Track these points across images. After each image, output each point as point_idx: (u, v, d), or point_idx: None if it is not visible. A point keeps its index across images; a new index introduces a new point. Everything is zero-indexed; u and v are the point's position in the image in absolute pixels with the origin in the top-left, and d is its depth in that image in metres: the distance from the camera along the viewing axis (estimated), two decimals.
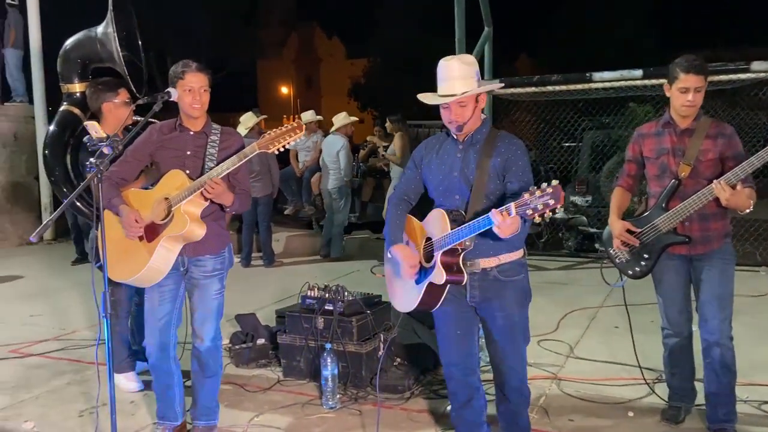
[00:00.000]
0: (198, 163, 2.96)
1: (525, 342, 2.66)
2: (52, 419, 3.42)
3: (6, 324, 5.29)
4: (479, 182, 2.48)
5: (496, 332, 2.60)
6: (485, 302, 2.57)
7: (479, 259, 2.51)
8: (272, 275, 7.14)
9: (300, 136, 2.82)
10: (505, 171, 2.50)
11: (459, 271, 2.45)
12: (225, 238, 3.13)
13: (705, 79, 2.95)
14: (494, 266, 2.52)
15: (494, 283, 2.54)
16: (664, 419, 3.20)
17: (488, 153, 2.51)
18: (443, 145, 2.65)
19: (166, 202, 2.92)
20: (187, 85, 2.88)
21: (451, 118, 2.49)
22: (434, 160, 2.64)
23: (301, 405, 3.52)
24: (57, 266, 7.91)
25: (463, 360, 2.66)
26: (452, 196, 2.55)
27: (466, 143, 2.58)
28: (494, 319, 2.58)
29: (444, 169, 2.59)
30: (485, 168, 2.48)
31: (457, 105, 2.47)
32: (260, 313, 4.70)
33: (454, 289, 2.54)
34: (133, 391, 3.75)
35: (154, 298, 3.03)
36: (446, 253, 2.43)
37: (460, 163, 2.55)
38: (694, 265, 3.08)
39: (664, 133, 3.09)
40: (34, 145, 9.93)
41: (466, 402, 2.70)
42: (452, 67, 2.48)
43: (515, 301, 2.58)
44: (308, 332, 3.83)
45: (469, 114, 2.49)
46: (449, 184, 2.56)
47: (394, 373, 3.75)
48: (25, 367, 4.24)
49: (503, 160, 2.51)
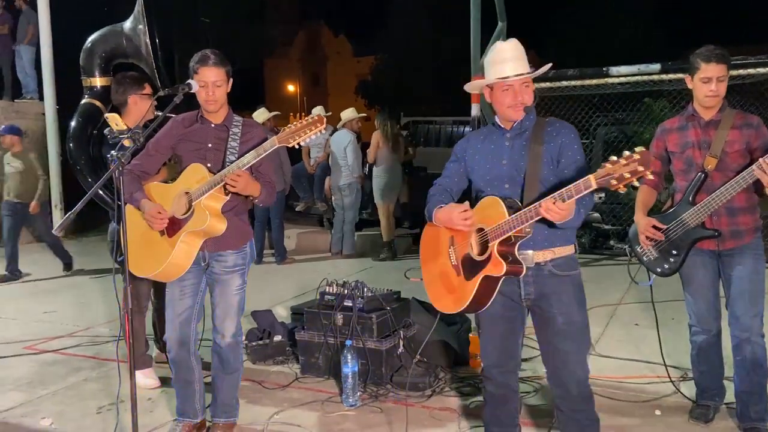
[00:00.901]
0: (219, 156, 2.91)
1: (586, 344, 2.46)
2: (69, 416, 3.39)
3: (19, 321, 5.26)
4: (532, 169, 2.36)
5: (555, 335, 2.40)
6: (542, 299, 2.40)
7: (532, 251, 2.35)
8: (284, 272, 7.10)
9: (320, 130, 2.71)
10: (559, 156, 2.38)
11: (517, 261, 2.29)
12: (247, 233, 3.07)
13: (727, 69, 2.91)
14: (549, 260, 2.37)
15: (550, 279, 2.38)
16: (693, 418, 3.13)
17: (539, 139, 2.39)
18: (488, 136, 2.54)
19: (187, 196, 2.87)
20: (201, 80, 2.84)
21: (516, 99, 2.37)
22: (479, 150, 2.53)
23: (321, 402, 3.47)
24: None
25: (505, 362, 2.52)
26: (501, 185, 2.43)
27: (513, 131, 2.46)
28: (553, 319, 2.39)
29: (491, 158, 2.47)
30: (538, 154, 2.37)
31: (523, 86, 2.38)
32: (274, 310, 4.66)
33: (505, 288, 2.38)
34: (151, 387, 3.71)
35: (175, 293, 2.99)
36: (502, 243, 2.28)
37: (509, 151, 2.44)
38: (723, 261, 3.02)
39: (689, 127, 3.03)
40: (45, 141, 9.92)
41: (502, 403, 2.58)
42: (514, 48, 2.40)
43: (574, 299, 2.40)
44: (327, 329, 3.78)
45: (532, 96, 2.39)
46: (498, 172, 2.44)
47: (414, 370, 3.70)
48: (41, 363, 4.21)
49: (557, 145, 2.39)
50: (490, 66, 2.43)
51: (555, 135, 2.41)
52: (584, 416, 2.43)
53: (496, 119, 2.52)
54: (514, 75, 2.36)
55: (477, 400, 3.45)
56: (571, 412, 2.43)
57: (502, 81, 2.37)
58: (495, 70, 2.40)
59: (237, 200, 2.95)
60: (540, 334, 2.48)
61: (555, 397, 2.50)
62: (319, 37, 44.86)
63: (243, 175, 2.73)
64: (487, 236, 2.32)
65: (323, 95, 41.61)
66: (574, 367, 2.39)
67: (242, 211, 3.05)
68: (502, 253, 2.28)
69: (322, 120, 2.70)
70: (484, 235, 2.35)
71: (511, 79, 2.36)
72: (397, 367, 3.73)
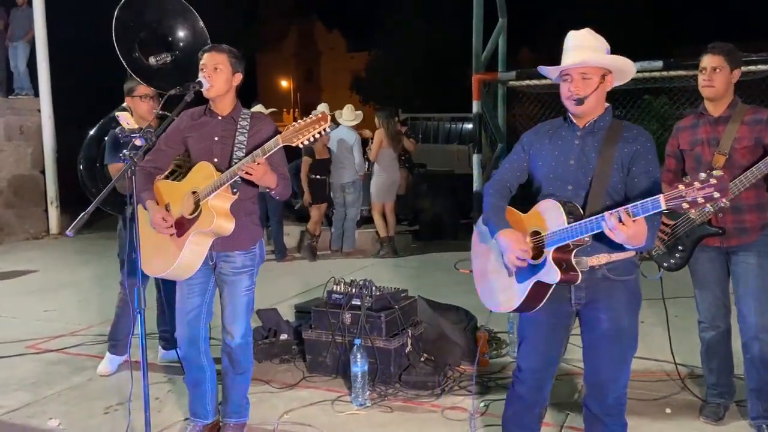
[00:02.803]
0: (226, 150, 2.87)
1: (631, 351, 2.35)
2: (76, 416, 3.36)
3: (20, 319, 5.21)
4: (601, 173, 2.20)
5: (597, 338, 2.30)
6: (591, 304, 2.28)
7: (586, 257, 2.21)
8: (284, 270, 7.07)
9: (325, 128, 2.65)
10: (632, 163, 2.22)
11: (572, 269, 2.18)
12: (256, 233, 3.03)
13: (725, 60, 2.94)
14: (603, 264, 2.23)
15: (603, 283, 2.25)
16: (704, 416, 3.14)
17: (612, 142, 2.22)
18: (557, 131, 2.37)
19: (194, 196, 2.84)
20: (202, 65, 2.82)
21: (570, 90, 2.22)
22: (546, 145, 2.36)
23: (330, 402, 3.46)
24: (65, 261, 7.83)
25: (543, 368, 2.40)
26: (564, 186, 2.28)
27: (585, 130, 2.29)
28: (599, 322, 2.28)
29: (557, 156, 2.31)
30: (609, 157, 2.20)
31: (580, 76, 2.21)
32: (278, 308, 4.63)
33: (555, 291, 2.25)
34: (102, 373, 3.89)
35: (183, 291, 2.97)
36: (558, 250, 2.17)
37: (578, 150, 2.28)
38: (730, 258, 3.04)
39: (699, 124, 3.06)
40: (40, 138, 9.83)
41: (529, 407, 2.47)
42: (582, 37, 2.26)
43: (626, 304, 2.28)
44: (335, 327, 3.77)
45: (591, 89, 2.21)
46: (563, 172, 2.29)
47: (422, 369, 3.70)
48: (44, 363, 4.17)
49: (630, 150, 2.22)
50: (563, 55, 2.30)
51: (631, 141, 2.24)
52: (613, 421, 2.37)
53: (568, 113, 2.35)
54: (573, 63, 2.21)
55: (488, 399, 3.46)
56: (602, 415, 2.37)
57: (564, 69, 2.23)
58: (562, 59, 2.26)
59: (246, 199, 2.91)
60: (585, 335, 2.38)
61: (587, 396, 2.43)
62: (312, 32, 44.69)
63: (262, 164, 2.66)
64: (544, 241, 2.21)
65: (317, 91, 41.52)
66: (615, 374, 2.33)
67: (252, 211, 3.01)
68: (557, 260, 2.17)
69: (326, 117, 2.64)
70: (539, 239, 2.23)
71: (568, 68, 2.22)
72: (406, 366, 3.72)
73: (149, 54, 3.77)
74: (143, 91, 3.76)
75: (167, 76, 3.75)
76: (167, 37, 3.85)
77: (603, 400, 2.35)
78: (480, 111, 6.94)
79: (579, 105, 2.23)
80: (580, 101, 2.22)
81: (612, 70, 2.27)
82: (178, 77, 3.59)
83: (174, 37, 3.85)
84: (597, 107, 2.28)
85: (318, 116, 2.64)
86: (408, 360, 3.75)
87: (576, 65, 2.22)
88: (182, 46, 3.86)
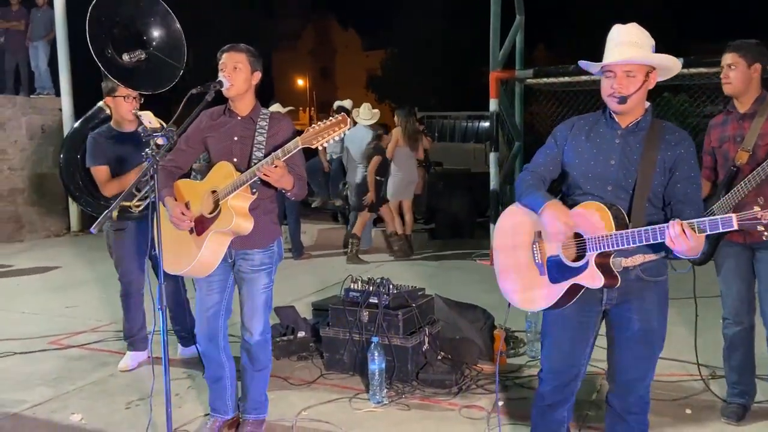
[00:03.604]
0: (246, 150, 2.89)
1: (659, 351, 2.33)
2: (98, 411, 3.41)
3: (42, 316, 5.30)
4: (644, 177, 2.14)
5: (627, 339, 2.28)
6: (623, 304, 2.25)
7: (622, 258, 2.16)
8: (301, 268, 7.11)
9: (345, 131, 2.66)
10: (674, 167, 2.17)
11: (612, 274, 2.13)
12: (275, 232, 3.06)
13: (739, 56, 2.96)
14: (638, 264, 2.18)
15: (636, 283, 2.21)
16: (725, 416, 3.12)
17: (655, 144, 2.16)
18: (594, 128, 2.29)
19: (214, 195, 2.87)
20: (222, 65, 2.85)
21: (613, 87, 2.15)
22: (584, 142, 2.28)
23: (348, 399, 3.48)
24: (85, 258, 7.94)
25: (568, 369, 2.36)
26: (604, 186, 2.21)
27: (628, 130, 2.22)
28: (629, 322, 2.26)
29: (597, 155, 2.24)
30: (652, 161, 2.14)
31: (624, 74, 2.14)
32: (295, 305, 4.66)
33: (586, 291, 2.20)
34: (121, 368, 3.97)
35: (203, 289, 3.01)
36: (601, 255, 2.11)
37: (620, 150, 2.21)
38: (754, 255, 3.02)
39: (728, 121, 3.11)
40: (61, 137, 9.95)
41: (555, 406, 2.43)
42: (628, 32, 2.18)
43: (657, 305, 2.26)
44: (352, 325, 3.79)
45: (635, 87, 2.13)
46: (603, 172, 2.22)
47: (439, 367, 3.70)
48: (66, 358, 4.24)
49: (674, 154, 2.17)
50: (605, 50, 2.23)
51: (674, 144, 2.19)
52: (637, 420, 2.36)
53: (608, 110, 2.28)
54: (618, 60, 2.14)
55: (506, 398, 3.45)
56: (625, 413, 2.36)
57: (606, 65, 2.18)
58: (605, 55, 2.20)
59: (264, 199, 2.93)
60: (614, 334, 2.34)
61: (611, 394, 2.41)
62: (328, 30, 44.76)
63: (280, 167, 2.69)
64: (585, 244, 2.15)
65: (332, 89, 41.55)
66: (642, 373, 2.31)
67: (271, 210, 3.03)
68: (599, 265, 2.12)
69: (345, 120, 2.65)
70: (581, 242, 2.17)
71: (612, 65, 2.16)
72: (423, 364, 3.73)
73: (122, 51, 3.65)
74: (125, 91, 3.76)
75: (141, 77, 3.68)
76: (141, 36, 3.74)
77: (627, 399, 2.34)
78: (497, 109, 6.92)
79: (622, 103, 2.16)
80: (623, 99, 2.15)
81: (657, 67, 2.19)
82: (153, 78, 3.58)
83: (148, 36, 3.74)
84: (638, 106, 2.21)
85: (338, 118, 2.65)
86: (425, 358, 3.76)
87: (623, 62, 2.13)
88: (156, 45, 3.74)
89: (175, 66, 3.63)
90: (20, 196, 9.65)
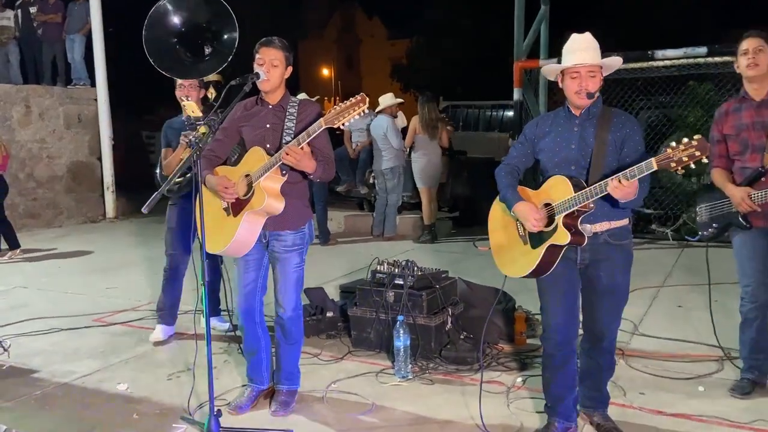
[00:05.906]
0: (277, 136, 3.08)
1: (623, 303, 2.79)
2: (143, 382, 3.66)
3: (85, 296, 5.60)
4: (598, 154, 2.64)
5: (597, 292, 2.74)
6: (593, 264, 2.71)
7: (590, 224, 2.64)
8: (329, 253, 7.32)
9: (364, 109, 2.83)
10: (623, 145, 2.67)
11: (579, 233, 2.60)
12: (306, 215, 3.25)
13: (765, 42, 3.07)
14: (605, 230, 2.67)
15: (604, 246, 2.68)
16: (731, 390, 3.24)
17: (606, 127, 2.67)
18: (556, 120, 2.80)
19: (248, 178, 3.07)
20: (260, 59, 3.03)
21: (581, 86, 2.63)
22: (549, 134, 2.78)
23: (375, 374, 3.67)
24: (122, 242, 8.28)
25: (569, 320, 2.76)
26: (568, 167, 2.70)
27: (582, 117, 2.72)
28: (599, 279, 2.72)
29: (560, 142, 2.74)
30: (604, 140, 2.65)
31: (588, 74, 2.63)
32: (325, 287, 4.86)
33: (565, 253, 2.67)
34: (153, 340, 4.25)
35: (240, 267, 3.22)
36: (567, 216, 2.59)
37: (578, 136, 2.71)
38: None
39: (742, 108, 3.15)
40: (97, 126, 10.33)
41: (561, 366, 2.78)
42: (587, 39, 2.67)
43: (622, 264, 2.73)
44: (378, 305, 3.98)
45: (597, 84, 2.65)
46: (566, 155, 2.71)
47: (462, 345, 3.87)
48: (111, 334, 4.52)
49: (622, 134, 2.67)
50: (564, 54, 2.69)
51: (621, 126, 2.68)
52: (606, 360, 2.86)
53: (567, 104, 2.76)
54: (580, 63, 2.61)
55: (525, 374, 3.61)
56: (597, 357, 2.86)
57: (571, 68, 2.64)
58: (566, 59, 2.67)
59: (296, 182, 3.12)
60: (584, 291, 2.79)
61: (584, 341, 2.88)
62: (353, 18, 44.75)
63: (298, 151, 2.87)
64: (554, 210, 2.63)
65: (357, 79, 41.65)
66: (610, 321, 2.79)
67: (303, 194, 3.23)
68: (566, 225, 2.59)
69: (364, 99, 2.83)
70: (551, 209, 2.65)
71: (578, 67, 2.62)
72: (446, 343, 3.90)
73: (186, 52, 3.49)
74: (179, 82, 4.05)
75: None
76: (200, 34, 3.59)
77: (597, 344, 2.83)
78: (521, 98, 7.01)
79: (590, 98, 2.65)
80: (591, 95, 2.64)
81: (605, 66, 2.68)
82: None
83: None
84: None
85: (358, 98, 2.83)
86: (448, 337, 3.93)
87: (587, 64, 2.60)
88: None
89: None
90: (58, 184, 10.03)
